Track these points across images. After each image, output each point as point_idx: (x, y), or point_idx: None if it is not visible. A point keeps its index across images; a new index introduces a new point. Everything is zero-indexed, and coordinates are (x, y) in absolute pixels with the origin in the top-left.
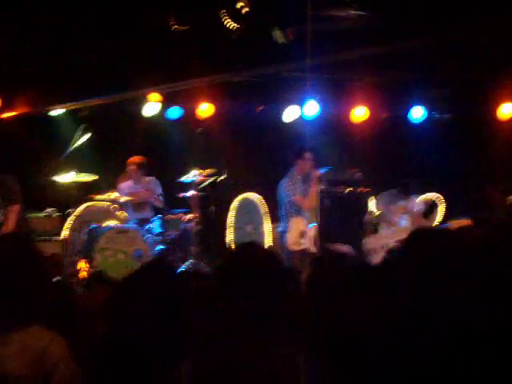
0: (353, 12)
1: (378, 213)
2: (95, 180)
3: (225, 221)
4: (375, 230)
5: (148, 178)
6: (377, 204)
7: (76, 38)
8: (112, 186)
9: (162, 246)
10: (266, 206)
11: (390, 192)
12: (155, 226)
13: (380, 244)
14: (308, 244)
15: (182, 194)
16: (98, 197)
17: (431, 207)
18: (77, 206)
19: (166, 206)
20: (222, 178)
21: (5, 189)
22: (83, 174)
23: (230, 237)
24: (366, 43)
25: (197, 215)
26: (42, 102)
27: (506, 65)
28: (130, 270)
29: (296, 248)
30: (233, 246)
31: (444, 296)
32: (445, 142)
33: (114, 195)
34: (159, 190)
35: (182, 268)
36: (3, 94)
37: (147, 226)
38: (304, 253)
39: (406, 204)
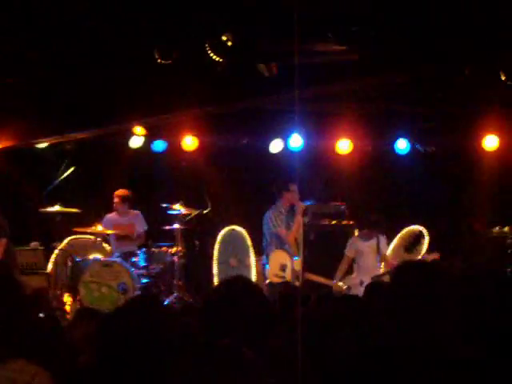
0: (336, 46)
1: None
2: (80, 213)
3: (209, 254)
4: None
5: (133, 212)
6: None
7: (61, 71)
8: (97, 219)
9: (146, 280)
10: (249, 238)
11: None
12: (140, 259)
13: (358, 280)
14: (289, 277)
15: (167, 227)
16: (83, 229)
17: (415, 242)
18: (61, 239)
19: (150, 238)
20: (207, 211)
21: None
22: (68, 207)
23: (214, 270)
24: (350, 76)
25: (181, 248)
26: (28, 136)
27: (489, 97)
28: (115, 303)
29: (276, 281)
30: (216, 280)
31: (428, 330)
32: (429, 174)
33: (98, 228)
34: (143, 225)
35: (167, 301)
36: None
37: (132, 259)
38: (287, 285)
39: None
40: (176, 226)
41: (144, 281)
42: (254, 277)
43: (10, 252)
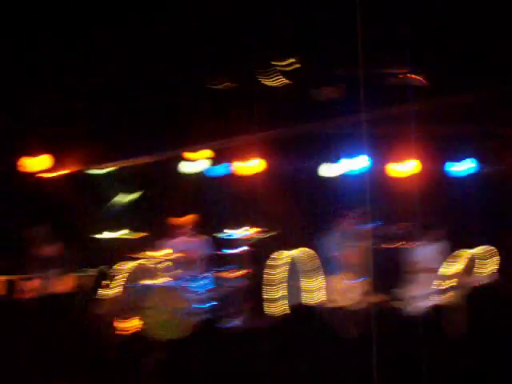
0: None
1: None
2: (139, 237)
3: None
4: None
5: (200, 236)
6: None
7: (118, 99)
8: (158, 244)
9: (211, 304)
10: (316, 261)
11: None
12: (206, 282)
13: (420, 292)
14: (351, 302)
15: (231, 251)
16: (144, 254)
17: (481, 262)
18: (120, 264)
19: (214, 261)
20: (272, 234)
21: (64, 257)
22: (127, 231)
23: (276, 294)
24: (415, 98)
25: (246, 272)
26: (88, 161)
27: None
28: (178, 328)
29: (335, 305)
30: (278, 304)
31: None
32: (496, 194)
33: (162, 253)
34: (208, 249)
35: (234, 325)
36: (53, 153)
37: (198, 283)
38: (346, 310)
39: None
40: (241, 249)
41: (209, 305)
42: (316, 301)
43: (80, 279)
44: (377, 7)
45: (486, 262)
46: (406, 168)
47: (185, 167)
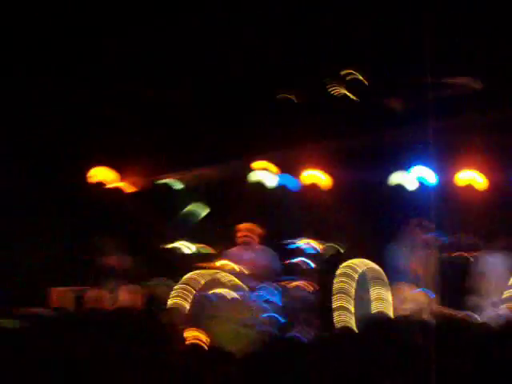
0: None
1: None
2: (207, 248)
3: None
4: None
5: (267, 247)
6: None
7: (182, 111)
8: (222, 254)
9: (279, 317)
10: (384, 271)
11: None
12: (269, 294)
13: (488, 303)
14: (418, 312)
15: (299, 262)
16: (214, 264)
17: None
18: (189, 275)
19: (282, 272)
20: (342, 248)
21: (131, 269)
22: (195, 243)
23: (350, 303)
24: (483, 108)
25: (313, 284)
26: (158, 172)
27: None
28: (246, 340)
29: (405, 314)
30: (350, 317)
31: None
32: None
33: (227, 263)
34: (276, 261)
35: (301, 338)
36: (123, 164)
37: (261, 294)
38: (412, 319)
39: None
40: (312, 263)
41: (277, 317)
42: (388, 310)
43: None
44: (441, 16)
45: None
46: (472, 178)
47: (252, 178)
